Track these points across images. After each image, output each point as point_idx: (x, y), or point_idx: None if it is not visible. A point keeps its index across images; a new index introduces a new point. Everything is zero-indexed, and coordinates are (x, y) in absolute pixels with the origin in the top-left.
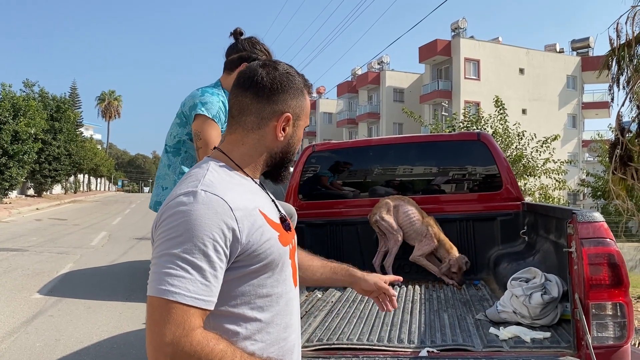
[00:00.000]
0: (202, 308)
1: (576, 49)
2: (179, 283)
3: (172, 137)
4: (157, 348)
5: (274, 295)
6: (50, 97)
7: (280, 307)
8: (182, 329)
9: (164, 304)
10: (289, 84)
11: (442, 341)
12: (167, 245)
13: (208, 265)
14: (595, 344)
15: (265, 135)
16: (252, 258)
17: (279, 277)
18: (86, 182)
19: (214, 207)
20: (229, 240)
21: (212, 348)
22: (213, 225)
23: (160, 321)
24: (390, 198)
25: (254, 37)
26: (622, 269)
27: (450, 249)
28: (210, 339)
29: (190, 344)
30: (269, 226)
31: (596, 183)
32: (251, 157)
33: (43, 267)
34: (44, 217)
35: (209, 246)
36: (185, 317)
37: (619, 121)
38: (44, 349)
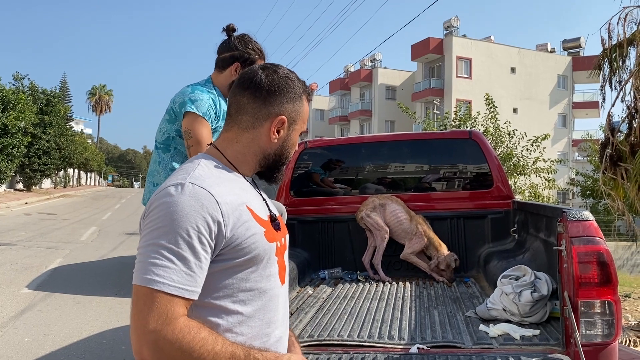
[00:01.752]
0: (186, 298)
1: (567, 48)
2: (164, 273)
3: (162, 133)
4: (140, 336)
5: (257, 289)
6: (40, 91)
7: (264, 303)
8: (164, 317)
9: (148, 293)
10: (287, 88)
11: (432, 338)
12: (152, 235)
13: (192, 256)
14: (583, 342)
15: (259, 135)
16: (237, 252)
17: (263, 273)
18: (76, 177)
19: (200, 200)
20: (214, 232)
21: (193, 336)
22: (198, 217)
23: (144, 309)
24: (377, 197)
25: (247, 35)
26: (611, 268)
27: (439, 247)
28: (192, 327)
29: (172, 332)
30: (255, 222)
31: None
32: (244, 155)
33: (32, 261)
34: (33, 212)
35: (193, 237)
36: (169, 306)
37: (610, 121)
38: (32, 344)
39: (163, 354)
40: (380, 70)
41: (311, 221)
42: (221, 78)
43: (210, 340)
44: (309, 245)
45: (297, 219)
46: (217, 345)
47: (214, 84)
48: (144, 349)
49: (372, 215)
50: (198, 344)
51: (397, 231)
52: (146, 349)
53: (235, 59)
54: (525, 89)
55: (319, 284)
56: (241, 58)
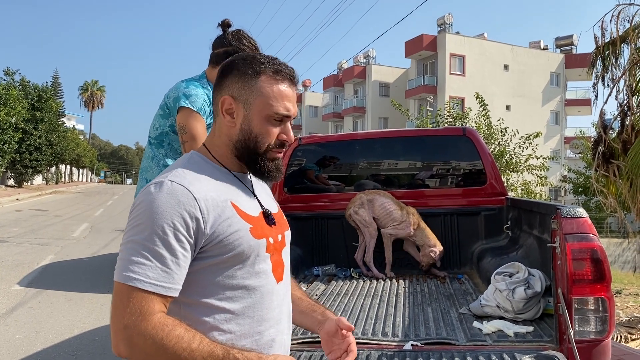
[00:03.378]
0: (162, 294)
1: (560, 46)
2: (139, 269)
3: (155, 128)
4: (117, 331)
5: (245, 287)
6: (32, 86)
7: (254, 300)
8: (139, 313)
9: (124, 289)
10: (238, 68)
11: (426, 335)
12: (131, 233)
13: (168, 253)
14: (577, 338)
15: (221, 122)
16: (220, 248)
17: (251, 270)
18: (68, 173)
19: (177, 196)
20: (192, 229)
21: (167, 333)
22: (174, 214)
23: (121, 306)
24: (364, 192)
25: (241, 31)
26: (605, 264)
27: (429, 236)
28: (167, 324)
29: (146, 328)
30: (240, 218)
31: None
32: (219, 146)
33: (23, 258)
34: (25, 208)
35: (169, 234)
36: (144, 303)
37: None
38: (23, 341)
39: (137, 350)
40: (373, 67)
41: (305, 218)
42: (215, 73)
43: (186, 337)
44: (303, 242)
45: (291, 216)
46: (194, 342)
47: (208, 80)
48: (120, 344)
49: (360, 212)
50: (172, 341)
51: (387, 221)
52: (122, 344)
53: (229, 54)
54: (518, 86)
55: (313, 281)
56: (235, 54)
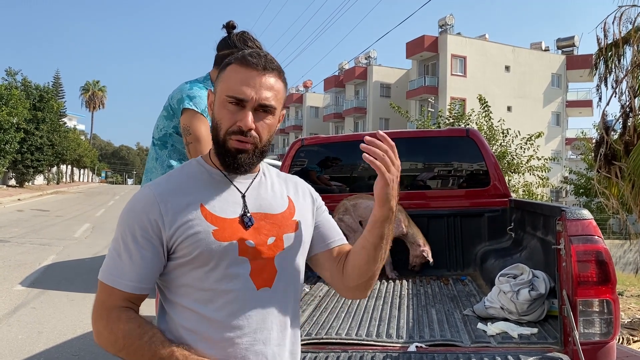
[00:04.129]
0: (120, 289)
1: (561, 47)
2: (106, 266)
3: (159, 129)
4: (92, 320)
5: (216, 291)
6: (33, 86)
7: (222, 305)
8: (101, 305)
9: (99, 285)
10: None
11: (430, 336)
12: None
13: (125, 252)
14: (581, 340)
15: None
16: (181, 250)
17: (224, 273)
18: (69, 173)
19: (141, 201)
20: (152, 230)
21: (119, 326)
22: (135, 217)
23: (95, 300)
24: (347, 198)
25: (247, 33)
26: (610, 266)
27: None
28: (121, 319)
29: (104, 319)
30: (204, 220)
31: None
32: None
33: (25, 258)
34: (26, 208)
35: (127, 235)
36: (106, 296)
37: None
38: (26, 341)
39: (102, 339)
40: (374, 68)
41: None
42: None
43: (135, 333)
44: None
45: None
46: (143, 338)
47: (212, 81)
48: (94, 334)
49: (345, 219)
50: (121, 333)
51: None
52: (94, 333)
53: None
54: (519, 87)
55: (315, 282)
56: None
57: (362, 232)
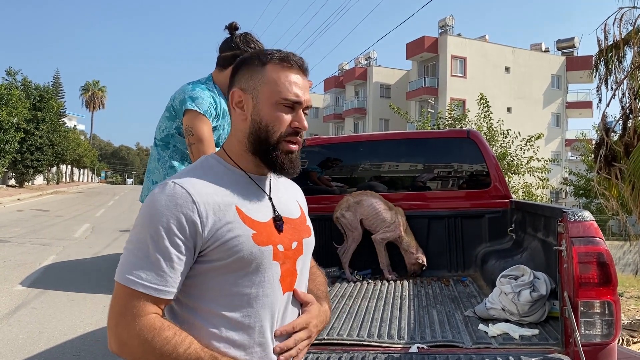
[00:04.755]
0: (154, 296)
1: (561, 48)
2: (134, 270)
3: (161, 130)
4: (110, 330)
5: (246, 295)
6: (33, 86)
7: (255, 310)
8: (131, 314)
9: (120, 289)
10: (245, 62)
11: (432, 337)
12: (132, 233)
13: (161, 255)
14: (583, 342)
15: (236, 120)
16: (218, 253)
17: (254, 278)
18: (69, 173)
19: (176, 199)
20: (189, 232)
21: (154, 335)
22: (170, 216)
23: (116, 305)
24: (351, 194)
25: (249, 34)
26: (611, 268)
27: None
28: (155, 327)
29: (135, 329)
30: (242, 223)
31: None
32: (235, 146)
33: (25, 258)
34: (26, 208)
35: (164, 236)
36: (135, 303)
37: (604, 121)
38: (26, 341)
39: (127, 349)
40: (375, 69)
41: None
42: (222, 77)
43: (172, 341)
44: None
45: None
46: (181, 347)
47: (215, 83)
48: (112, 342)
49: (347, 215)
50: (158, 344)
51: (376, 222)
52: (114, 342)
53: (236, 58)
54: (519, 88)
55: None
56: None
57: (360, 231)
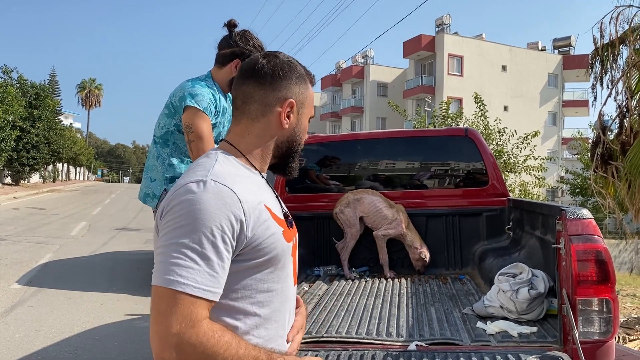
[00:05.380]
0: (209, 299)
1: (558, 47)
2: (187, 274)
3: (160, 127)
4: (163, 339)
5: (274, 291)
6: (29, 84)
7: (279, 304)
8: (188, 320)
9: (170, 295)
10: (291, 71)
11: (430, 335)
12: (174, 234)
13: (216, 256)
14: (581, 339)
15: (270, 123)
16: (256, 252)
17: (280, 274)
18: (65, 171)
19: (224, 198)
20: (236, 232)
21: (217, 339)
22: (222, 216)
23: (167, 312)
24: (352, 192)
25: (248, 31)
26: (610, 266)
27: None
28: (215, 331)
29: (197, 335)
30: (274, 221)
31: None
32: (257, 147)
33: (22, 256)
34: (22, 206)
35: (217, 237)
36: (192, 309)
37: (601, 120)
38: (23, 339)
39: (186, 358)
40: (372, 67)
41: (306, 218)
42: (221, 74)
43: (233, 343)
44: (304, 242)
45: (293, 216)
46: (241, 349)
47: (214, 80)
48: (167, 353)
49: (346, 212)
50: (222, 348)
51: (377, 219)
52: (169, 352)
53: (235, 55)
54: (516, 87)
55: (314, 281)
56: (241, 54)
57: (358, 228)
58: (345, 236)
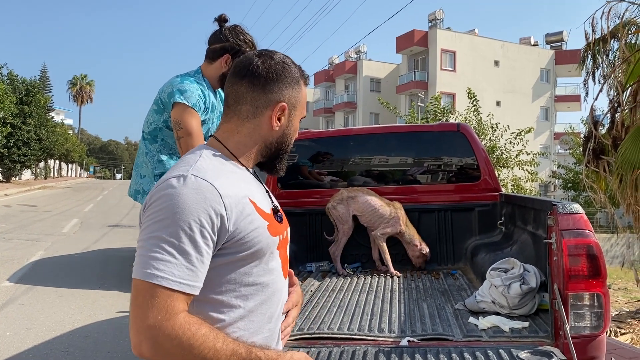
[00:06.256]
0: (187, 293)
1: (550, 42)
2: (164, 267)
3: (149, 124)
4: (139, 331)
5: (259, 284)
6: (20, 80)
7: (266, 297)
8: (164, 312)
9: (148, 288)
10: (285, 73)
11: (422, 331)
12: (153, 228)
13: (194, 250)
14: (572, 334)
15: (260, 124)
16: (240, 245)
17: (266, 267)
18: (57, 168)
19: (203, 192)
20: (217, 226)
21: (193, 332)
22: (201, 210)
23: (144, 304)
24: (347, 189)
25: (239, 26)
26: (601, 260)
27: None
28: (192, 323)
29: (172, 327)
30: (258, 215)
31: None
32: (246, 146)
33: (13, 254)
34: (13, 203)
35: (195, 231)
36: (169, 301)
37: (593, 115)
38: (14, 337)
39: (162, 350)
40: (365, 62)
41: (298, 214)
42: (211, 69)
43: (211, 336)
44: (296, 238)
45: (285, 212)
46: (218, 342)
47: (204, 75)
48: (143, 345)
49: (338, 208)
50: (198, 341)
51: (372, 218)
52: (145, 344)
53: (225, 50)
54: (509, 82)
55: (307, 277)
56: (232, 50)
57: (350, 225)
58: (337, 232)
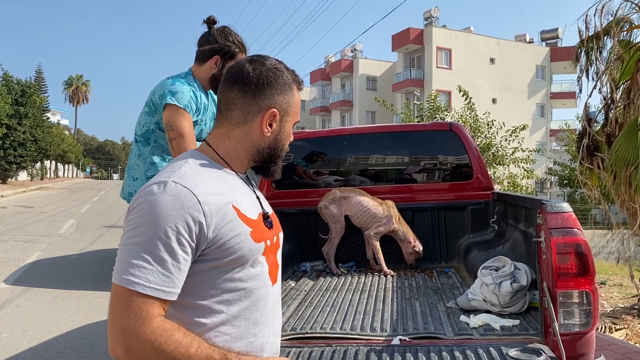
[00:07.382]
0: (162, 299)
1: (545, 39)
2: (140, 273)
3: (141, 126)
4: (114, 335)
5: (243, 290)
6: (15, 81)
7: (250, 303)
8: (138, 318)
9: (124, 293)
10: (276, 80)
11: (414, 329)
12: (132, 234)
13: (170, 257)
14: (562, 331)
15: (252, 130)
16: (221, 252)
17: (249, 273)
18: (53, 169)
19: (181, 199)
20: (195, 232)
21: (166, 338)
22: (178, 217)
23: (119, 309)
24: (339, 189)
25: (227, 27)
26: (589, 258)
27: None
28: (166, 329)
29: (145, 332)
30: (241, 221)
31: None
32: (236, 151)
33: (9, 255)
34: (9, 205)
35: (172, 237)
36: (143, 307)
37: (587, 112)
38: (10, 339)
39: (135, 354)
40: (360, 61)
41: (293, 213)
42: (201, 71)
43: (184, 342)
44: (291, 238)
45: (279, 212)
46: (192, 347)
47: (195, 77)
48: (117, 348)
49: (330, 207)
50: (171, 346)
51: (365, 218)
52: (119, 347)
53: (215, 52)
54: (504, 79)
55: (301, 277)
56: (221, 51)
57: (342, 225)
58: (330, 232)
